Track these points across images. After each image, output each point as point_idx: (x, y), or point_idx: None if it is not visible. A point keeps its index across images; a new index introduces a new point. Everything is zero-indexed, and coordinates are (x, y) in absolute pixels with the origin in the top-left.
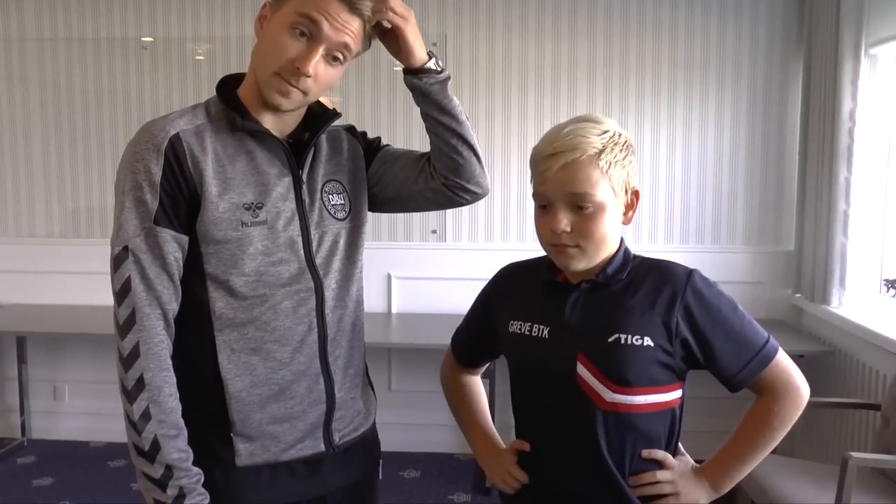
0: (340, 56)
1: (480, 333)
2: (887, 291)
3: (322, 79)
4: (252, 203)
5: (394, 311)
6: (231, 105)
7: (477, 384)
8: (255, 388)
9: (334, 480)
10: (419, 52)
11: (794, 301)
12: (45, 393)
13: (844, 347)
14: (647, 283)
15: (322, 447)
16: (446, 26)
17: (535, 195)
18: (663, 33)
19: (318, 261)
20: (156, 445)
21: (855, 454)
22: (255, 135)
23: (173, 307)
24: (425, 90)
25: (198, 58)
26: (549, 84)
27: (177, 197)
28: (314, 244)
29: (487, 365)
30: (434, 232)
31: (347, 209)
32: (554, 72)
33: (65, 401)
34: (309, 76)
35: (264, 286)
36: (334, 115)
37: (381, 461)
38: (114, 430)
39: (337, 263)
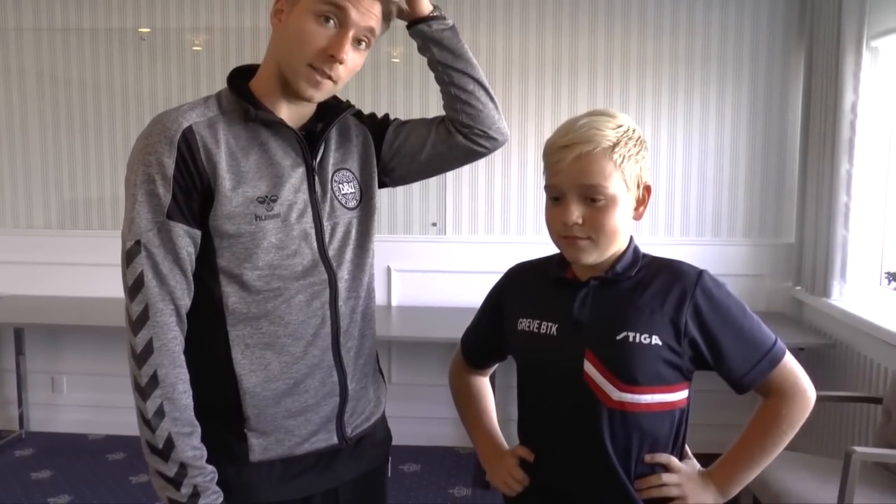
0: (365, 40)
1: (490, 334)
2: (888, 284)
3: (350, 65)
4: (266, 196)
5: (394, 303)
6: (243, 97)
7: (484, 385)
8: (269, 382)
9: (346, 473)
10: (426, 0)
11: (795, 294)
12: (43, 385)
13: (845, 340)
14: (656, 281)
15: (335, 440)
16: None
17: (547, 187)
18: (664, 27)
19: (331, 252)
20: (170, 443)
21: (858, 449)
22: (268, 125)
23: (186, 302)
24: (437, 37)
25: (195, 48)
26: (549, 78)
27: (190, 191)
28: (327, 235)
29: (496, 366)
30: (434, 224)
31: (358, 198)
32: (555, 66)
33: (63, 393)
34: (343, 63)
35: (278, 280)
36: (347, 106)
37: (389, 456)
38: (113, 423)
39: (349, 254)
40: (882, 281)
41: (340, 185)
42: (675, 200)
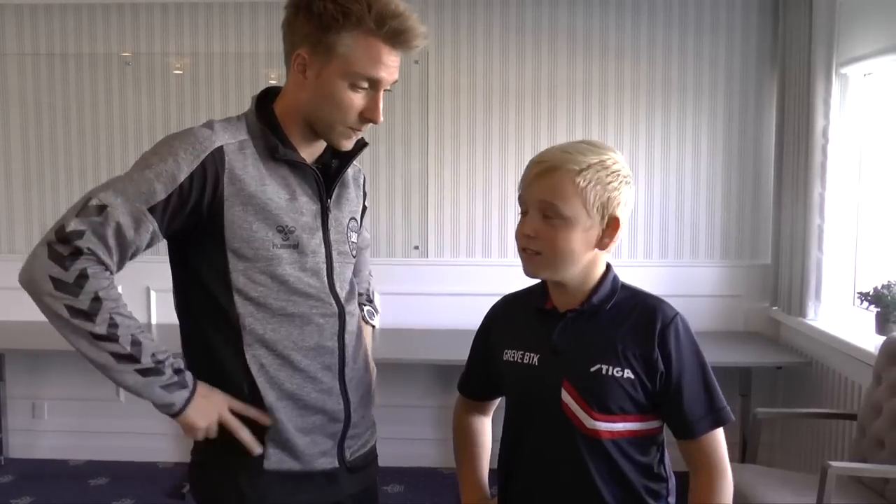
0: (388, 88)
1: (482, 366)
2: (861, 304)
3: None
4: (285, 226)
5: (377, 326)
6: (270, 127)
7: (483, 431)
8: (281, 401)
9: (348, 487)
10: None
11: (772, 314)
12: (23, 410)
13: (821, 359)
14: (632, 317)
15: (336, 463)
16: (428, 44)
17: (518, 199)
18: (641, 54)
19: (338, 286)
20: (136, 342)
21: (834, 463)
22: (291, 163)
23: (114, 272)
24: None
25: (176, 72)
26: (529, 103)
27: (186, 204)
28: (336, 272)
29: (497, 402)
30: (416, 248)
31: (357, 249)
32: (534, 91)
33: (44, 418)
34: (381, 121)
35: (293, 305)
36: (363, 144)
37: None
38: (94, 448)
39: (351, 295)
40: (855, 301)
41: (352, 233)
42: (654, 223)
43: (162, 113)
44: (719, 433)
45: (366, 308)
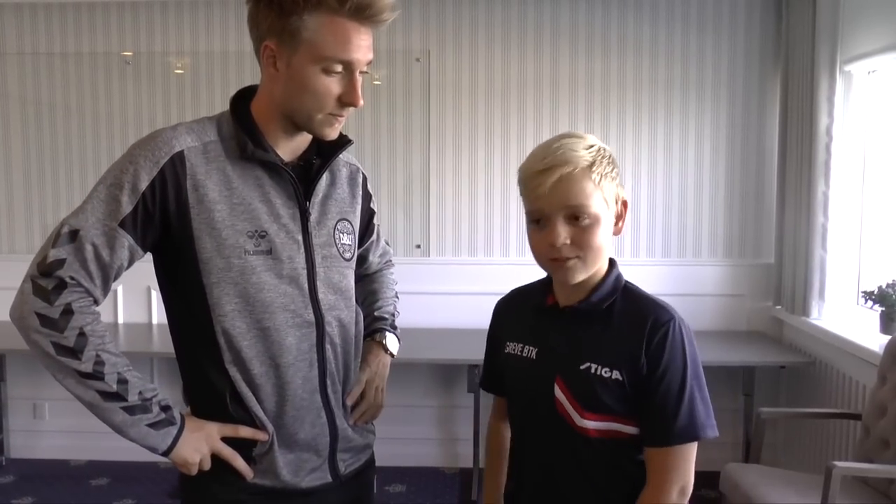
0: (366, 69)
1: (494, 353)
2: (865, 303)
3: None
4: (255, 231)
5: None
6: (245, 127)
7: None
8: (266, 417)
9: (338, 501)
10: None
11: (775, 313)
12: (24, 411)
13: (824, 358)
14: (628, 317)
15: (329, 478)
16: (430, 42)
17: (529, 213)
18: (644, 51)
19: (321, 295)
20: (122, 380)
21: (838, 463)
22: (265, 163)
23: (100, 300)
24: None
25: (177, 72)
26: (531, 101)
27: (153, 213)
28: (318, 278)
29: None
30: (418, 247)
31: (353, 251)
32: (536, 89)
33: (45, 419)
34: (362, 104)
35: (268, 319)
36: (346, 141)
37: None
38: (95, 448)
39: (338, 300)
40: (859, 300)
41: (341, 235)
42: (657, 222)
43: (163, 112)
44: (688, 453)
45: (388, 335)
